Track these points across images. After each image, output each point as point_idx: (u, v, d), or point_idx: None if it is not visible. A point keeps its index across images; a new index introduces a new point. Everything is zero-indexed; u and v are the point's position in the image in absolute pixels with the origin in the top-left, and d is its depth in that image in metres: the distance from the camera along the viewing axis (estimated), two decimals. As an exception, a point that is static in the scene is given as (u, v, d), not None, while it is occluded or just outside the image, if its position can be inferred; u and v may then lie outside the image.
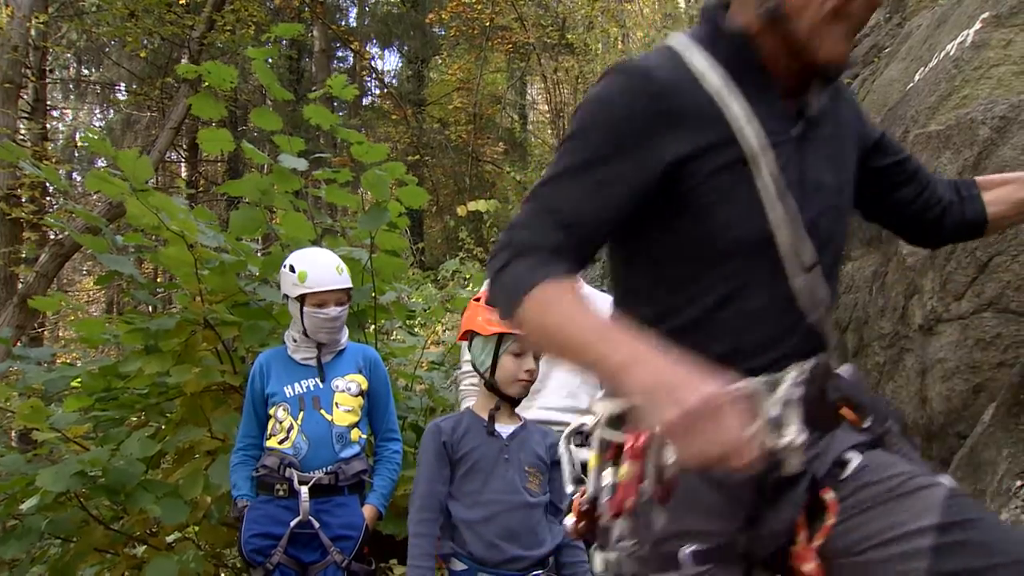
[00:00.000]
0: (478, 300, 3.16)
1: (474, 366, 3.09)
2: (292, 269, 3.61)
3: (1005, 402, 2.44)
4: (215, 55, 16.15)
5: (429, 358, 6.67)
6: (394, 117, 25.14)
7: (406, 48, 26.99)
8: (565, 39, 24.48)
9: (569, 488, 1.75)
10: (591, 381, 3.54)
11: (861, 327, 3.38)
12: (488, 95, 27.31)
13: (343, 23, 25.83)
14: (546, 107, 28.82)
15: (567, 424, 3.44)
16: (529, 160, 25.98)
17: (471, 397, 3.57)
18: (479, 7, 23.59)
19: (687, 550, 1.49)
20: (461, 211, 13.69)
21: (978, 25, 3.28)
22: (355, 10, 27.18)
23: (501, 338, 2.98)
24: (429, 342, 6.77)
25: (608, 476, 1.60)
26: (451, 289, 12.19)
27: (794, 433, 1.42)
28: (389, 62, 43.64)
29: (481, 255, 14.57)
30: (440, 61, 27.78)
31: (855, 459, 1.54)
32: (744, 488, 1.47)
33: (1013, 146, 2.72)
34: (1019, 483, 2.27)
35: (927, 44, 3.91)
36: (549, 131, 28.03)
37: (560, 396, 3.52)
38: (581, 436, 3.54)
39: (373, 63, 27.00)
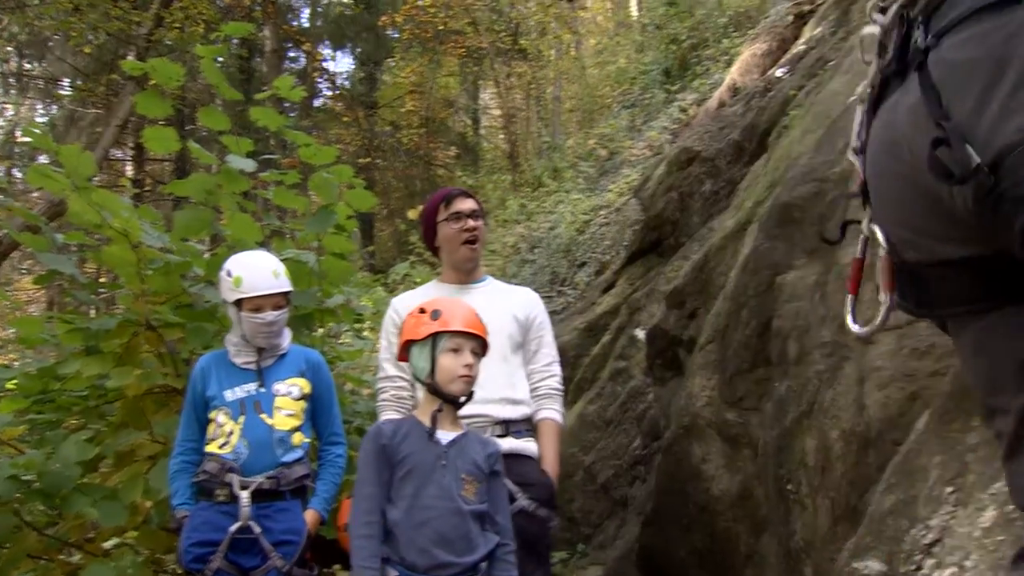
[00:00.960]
0: (411, 313, 3.17)
1: (416, 378, 3.11)
2: (229, 274, 3.58)
3: (938, 410, 2.51)
4: (163, 52, 15.98)
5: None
6: (345, 119, 25.12)
7: (359, 50, 26.97)
8: (518, 44, 24.56)
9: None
10: (503, 374, 3.62)
11: (803, 336, 3.45)
12: (441, 99, 27.38)
13: (295, 23, 25.75)
14: (499, 112, 28.92)
15: (483, 416, 3.51)
16: (481, 164, 26.03)
17: (388, 411, 3.64)
18: (432, 11, 23.61)
19: None
20: (412, 214, 13.54)
21: (917, 41, 3.38)
22: (308, 11, 27.12)
23: (436, 339, 3.01)
24: (377, 346, 6.78)
25: None
26: (400, 292, 12.18)
27: None
28: (341, 64, 43.59)
29: (431, 259, 14.61)
30: (393, 64, 27.77)
31: None
32: None
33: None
34: (950, 490, 2.33)
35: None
36: (501, 136, 28.13)
37: (494, 388, 3.54)
38: (503, 426, 3.58)
39: (325, 64, 26.94)
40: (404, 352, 3.14)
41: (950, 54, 1.45)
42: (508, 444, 3.50)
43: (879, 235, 1.74)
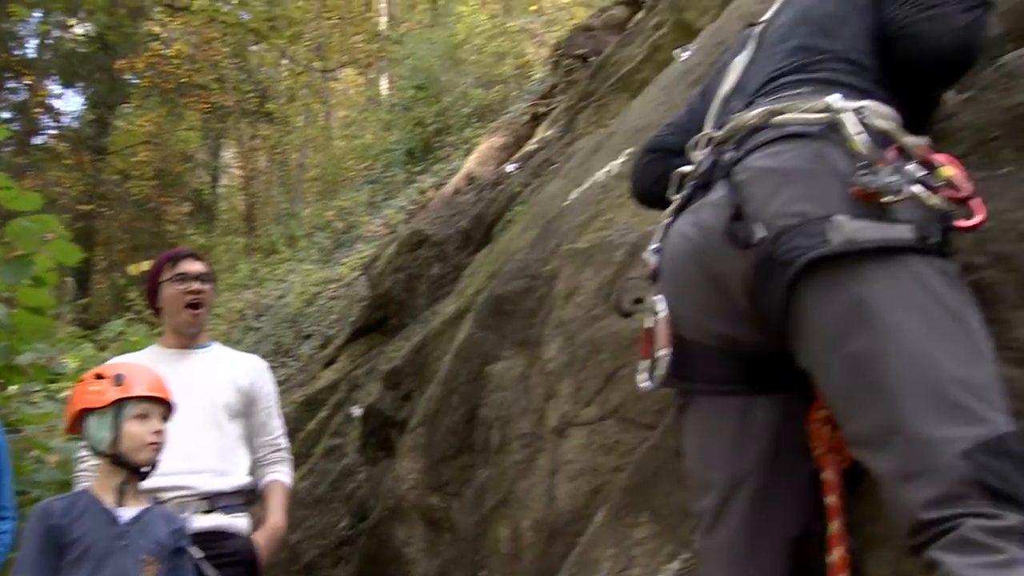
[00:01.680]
0: (84, 380, 3.01)
1: (94, 450, 2.94)
2: None
3: (614, 505, 2.68)
4: None
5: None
6: (68, 161, 23.77)
7: (91, 91, 25.59)
8: (265, 107, 24.26)
9: None
10: (214, 443, 3.53)
11: (505, 425, 3.57)
12: (178, 152, 26.52)
13: (18, 52, 23.95)
14: (239, 172, 28.35)
15: (187, 488, 3.39)
16: (216, 224, 25.32)
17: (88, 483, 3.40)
18: (176, 61, 22.93)
19: None
20: (133, 269, 13.07)
21: (623, 158, 3.65)
22: (36, 41, 25.42)
23: (119, 406, 2.89)
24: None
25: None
26: (113, 352, 11.61)
27: None
28: (71, 103, 41.36)
29: (150, 317, 14.04)
30: (128, 110, 26.67)
31: None
32: None
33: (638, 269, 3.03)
34: (618, 581, 2.50)
35: (584, 167, 4.29)
36: (240, 197, 27.57)
37: (179, 459, 3.40)
38: (209, 500, 3.49)
39: (51, 101, 25.33)
40: (76, 423, 2.93)
41: (755, 163, 1.84)
42: (213, 520, 3.37)
43: (663, 310, 2.00)
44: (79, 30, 22.74)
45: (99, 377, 2.91)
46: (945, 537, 1.46)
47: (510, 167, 7.84)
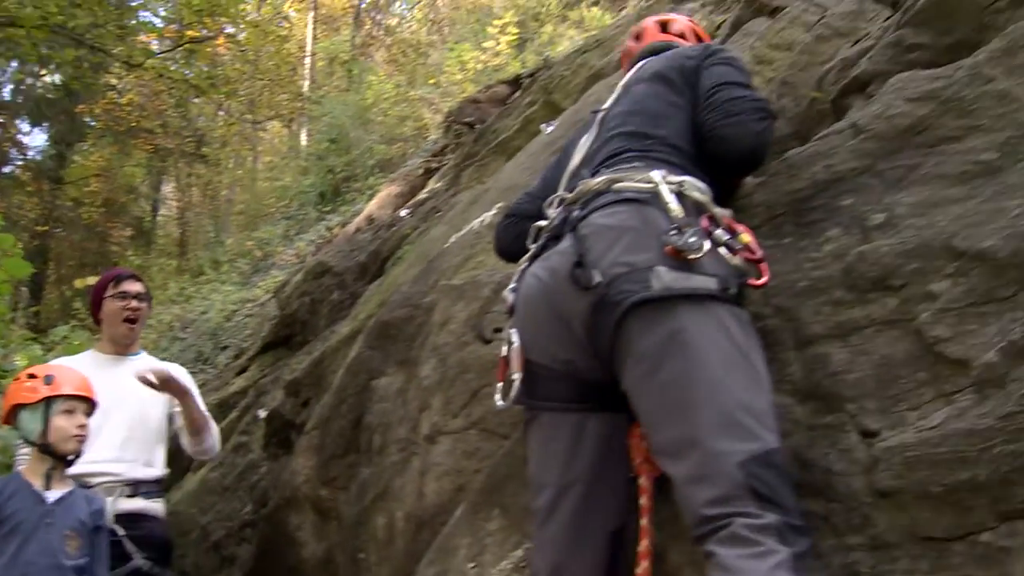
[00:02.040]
0: (19, 379, 2.93)
1: (26, 440, 2.85)
2: None
3: (472, 502, 2.66)
4: None
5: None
6: (30, 189, 22.85)
7: (54, 130, 24.65)
8: (201, 151, 23.71)
9: None
10: (140, 437, 3.47)
11: (386, 431, 3.52)
12: (124, 184, 25.71)
13: (-4, 96, 23.02)
14: (176, 204, 27.64)
15: (115, 475, 3.31)
16: (153, 247, 24.60)
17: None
18: (128, 108, 22.33)
19: None
20: (79, 283, 12.56)
21: (494, 210, 3.68)
22: (11, 87, 24.40)
23: (49, 402, 2.79)
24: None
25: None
26: (57, 353, 11.14)
27: None
28: (37, 139, 39.64)
29: (92, 325, 13.49)
30: (85, 147, 25.76)
31: None
32: None
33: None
34: (471, 565, 2.48)
35: (463, 215, 4.30)
36: (175, 225, 26.84)
37: (109, 449, 3.34)
38: (133, 486, 3.40)
39: (19, 137, 24.32)
40: (10, 416, 2.86)
41: (596, 220, 1.93)
42: (135, 504, 3.33)
43: (517, 340, 2.06)
44: (48, 79, 21.94)
45: (32, 376, 2.87)
46: (719, 533, 1.56)
47: (403, 212, 7.80)
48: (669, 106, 2.21)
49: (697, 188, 1.95)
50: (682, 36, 2.79)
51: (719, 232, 1.86)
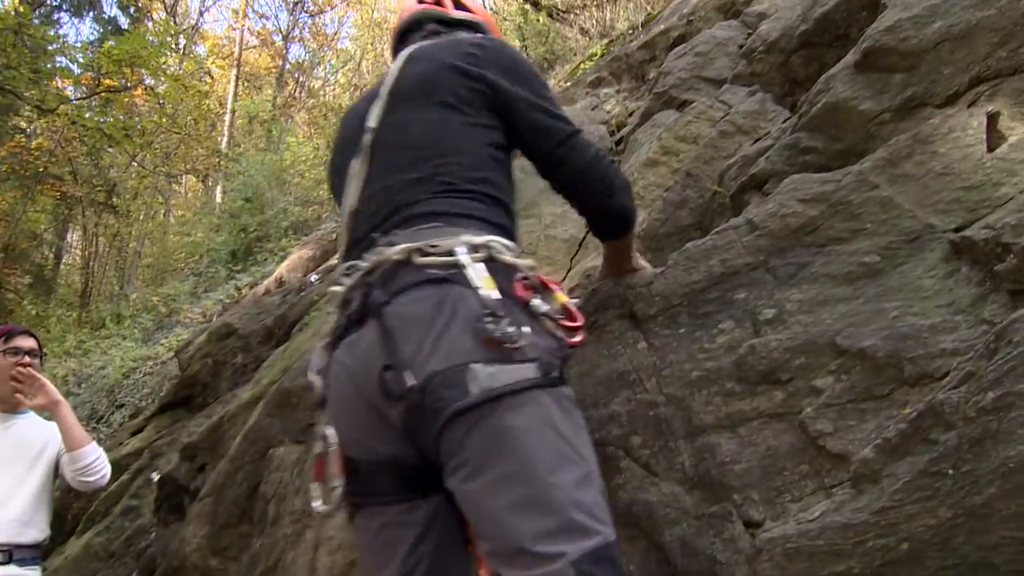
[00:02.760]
0: None
1: None
2: None
3: (363, 579, 2.60)
4: None
5: None
6: (-77, 230, 21.91)
7: (-46, 170, 23.79)
8: (112, 201, 23.16)
9: None
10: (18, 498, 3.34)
11: (280, 502, 3.45)
12: (27, 230, 24.82)
13: None
14: (80, 254, 26.79)
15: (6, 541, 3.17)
16: (53, 297, 23.73)
17: None
18: (37, 153, 21.70)
19: None
20: (-32, 333, 12.07)
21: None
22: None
23: None
24: None
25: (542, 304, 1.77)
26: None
27: None
28: (-68, 178, 38.11)
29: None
30: (-14, 190, 24.92)
31: None
32: None
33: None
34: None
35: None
36: (78, 276, 25.98)
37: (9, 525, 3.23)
38: (6, 552, 3.23)
39: (-87, 175, 23.36)
40: None
41: (402, 309, 1.70)
42: (8, 572, 3.19)
43: (331, 435, 1.84)
44: (-48, 118, 21.30)
45: None
46: None
47: (313, 277, 7.74)
48: (460, 127, 1.98)
49: (504, 247, 1.82)
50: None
51: (536, 302, 1.76)
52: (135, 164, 22.28)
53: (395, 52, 2.38)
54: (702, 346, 2.03)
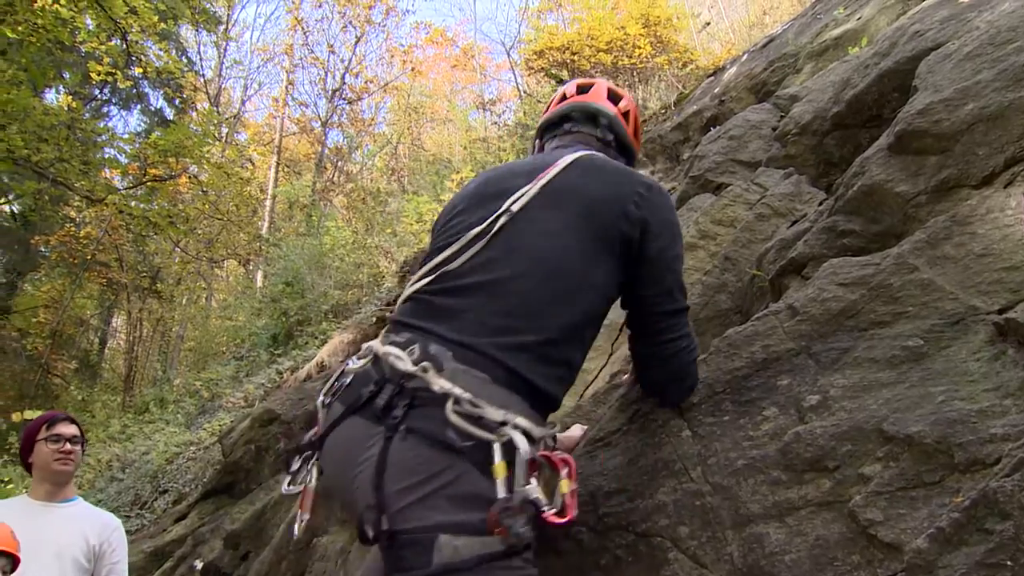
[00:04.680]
0: None
1: None
2: None
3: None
4: None
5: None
6: (-25, 319, 22.51)
7: (7, 259, 24.50)
8: (156, 287, 23.68)
9: None
10: None
11: (325, 590, 3.44)
12: (74, 316, 25.41)
13: (-52, 223, 23.00)
14: (125, 339, 27.27)
15: None
16: (97, 382, 24.14)
17: None
18: (85, 241, 22.36)
19: None
20: (16, 416, 12.25)
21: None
22: (-38, 217, 24.39)
23: None
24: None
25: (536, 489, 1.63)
26: (-15, 491, 10.74)
27: None
28: (-12, 267, 39.18)
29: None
30: (37, 277, 25.59)
31: None
32: None
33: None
34: None
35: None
36: (122, 360, 26.39)
37: None
38: None
39: (-32, 267, 24.10)
40: None
41: (408, 453, 1.63)
42: None
43: (314, 480, 1.82)
44: (6, 208, 22.00)
45: None
46: None
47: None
48: (582, 276, 1.88)
49: (533, 429, 1.72)
50: (626, 116, 2.44)
51: (530, 487, 1.63)
52: (178, 250, 22.80)
53: (542, 134, 2.44)
54: (747, 434, 2.02)
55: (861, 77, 3.49)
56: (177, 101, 24.85)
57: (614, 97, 2.41)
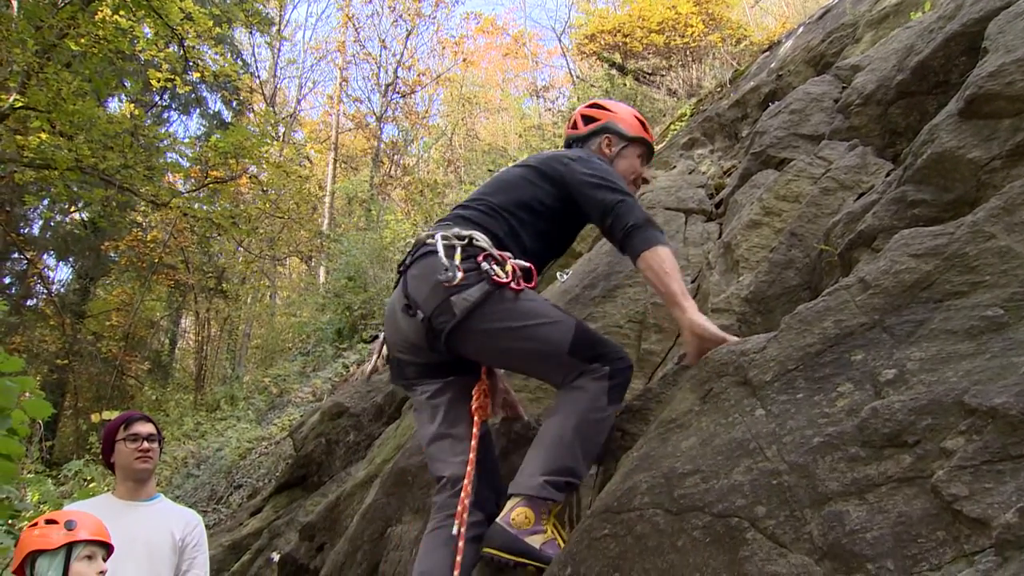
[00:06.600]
0: (35, 525, 2.89)
1: None
2: None
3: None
4: None
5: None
6: (52, 323, 23.17)
7: (79, 264, 25.25)
8: (221, 287, 24.15)
9: None
10: None
11: (402, 582, 3.47)
12: (144, 318, 26.07)
13: (25, 231, 23.73)
14: (194, 338, 27.88)
15: None
16: (170, 381, 24.73)
17: None
18: (152, 245, 22.90)
19: None
20: (95, 417, 12.68)
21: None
22: (40, 223, 25.15)
23: (71, 548, 2.77)
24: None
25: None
26: (70, 488, 11.11)
27: None
28: (62, 273, 40.34)
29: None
30: (108, 282, 26.31)
31: None
32: None
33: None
34: None
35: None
36: (192, 359, 27.00)
37: None
38: None
39: (44, 272, 24.86)
40: (24, 563, 2.78)
41: (412, 272, 2.89)
42: None
43: (381, 336, 3.28)
44: (77, 216, 22.68)
45: (50, 522, 2.84)
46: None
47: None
48: (521, 179, 3.13)
49: (483, 239, 2.83)
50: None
51: (484, 265, 2.75)
52: (242, 250, 23.23)
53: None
54: (822, 411, 1.99)
55: (926, 43, 3.40)
56: (234, 103, 25.30)
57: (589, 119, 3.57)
